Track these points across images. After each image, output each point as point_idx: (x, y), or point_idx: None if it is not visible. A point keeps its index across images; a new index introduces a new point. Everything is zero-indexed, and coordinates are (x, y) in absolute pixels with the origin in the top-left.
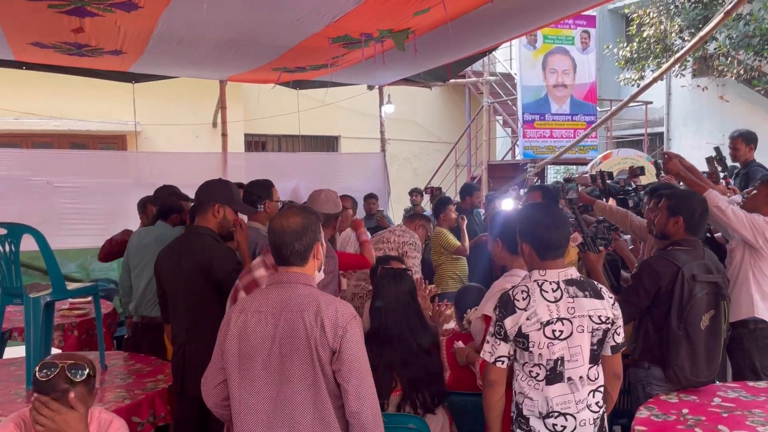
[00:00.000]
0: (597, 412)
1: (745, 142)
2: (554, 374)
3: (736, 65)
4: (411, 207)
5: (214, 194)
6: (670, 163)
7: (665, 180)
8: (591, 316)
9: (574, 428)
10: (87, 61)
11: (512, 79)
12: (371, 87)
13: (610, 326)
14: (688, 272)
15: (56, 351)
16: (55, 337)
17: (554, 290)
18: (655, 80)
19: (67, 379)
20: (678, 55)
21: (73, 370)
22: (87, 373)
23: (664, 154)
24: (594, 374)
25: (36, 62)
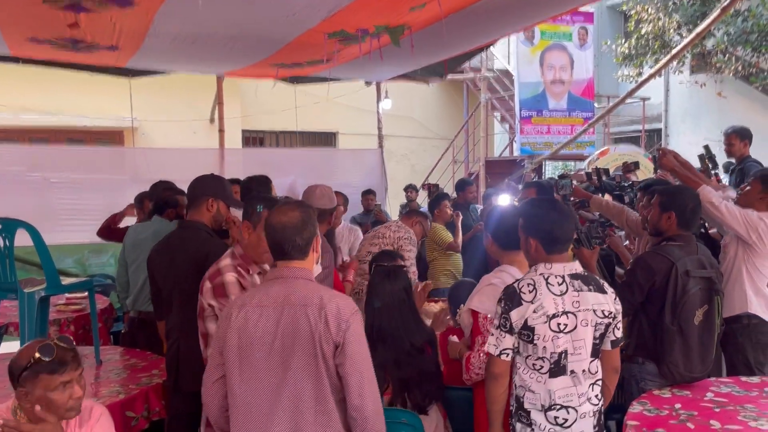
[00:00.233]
0: (596, 405)
1: (740, 137)
2: (558, 367)
3: (734, 62)
4: (406, 203)
5: (208, 189)
6: (664, 159)
7: (660, 176)
8: (595, 311)
9: (575, 421)
10: (82, 57)
11: (510, 75)
12: (368, 83)
13: (611, 320)
14: (681, 267)
15: None
16: (52, 332)
17: (560, 284)
18: (653, 76)
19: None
20: (675, 50)
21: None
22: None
23: (659, 150)
24: (594, 368)
25: (32, 58)
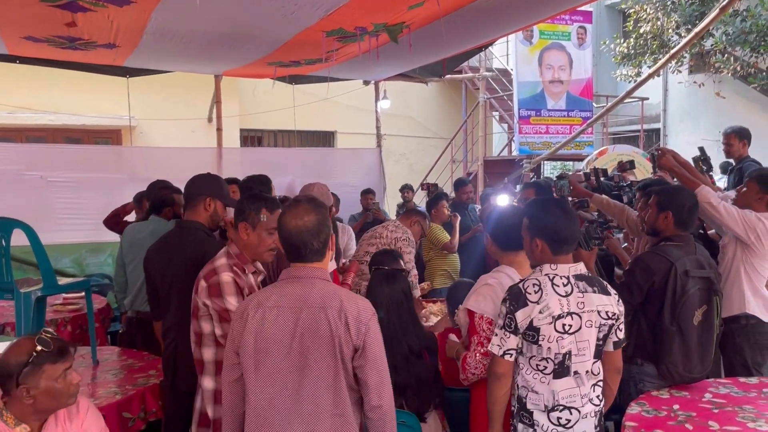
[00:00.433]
0: (598, 406)
1: (739, 138)
2: (562, 368)
3: (732, 62)
4: (403, 203)
5: (204, 188)
6: (663, 159)
7: (659, 176)
8: (599, 312)
9: (577, 421)
10: (80, 55)
11: (508, 74)
12: (367, 82)
13: (615, 322)
14: (680, 267)
15: None
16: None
17: (565, 285)
18: (651, 76)
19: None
20: (674, 50)
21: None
22: None
23: (658, 150)
24: (597, 369)
25: (30, 56)
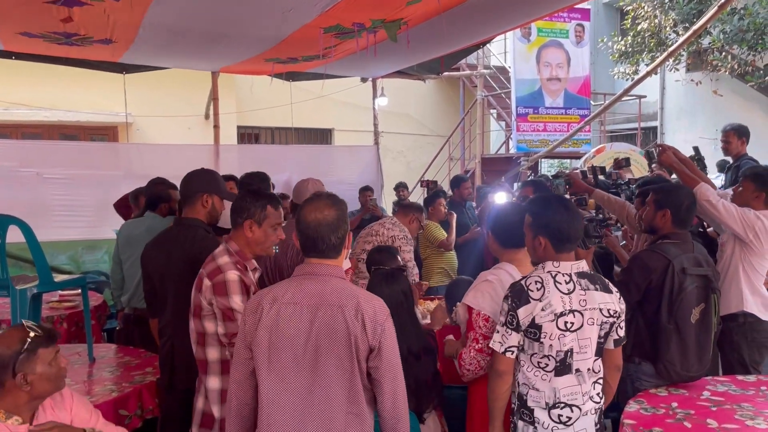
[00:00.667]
0: (598, 403)
1: (738, 135)
2: (563, 366)
3: (730, 60)
4: (398, 201)
5: (202, 184)
6: (663, 155)
7: (657, 172)
8: (601, 309)
9: (578, 419)
10: (76, 51)
11: (506, 72)
12: (365, 79)
13: (616, 320)
14: (678, 265)
15: None
16: None
17: (567, 282)
18: (649, 74)
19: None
20: (671, 48)
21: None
22: None
23: (659, 146)
24: (597, 366)
25: (25, 52)
